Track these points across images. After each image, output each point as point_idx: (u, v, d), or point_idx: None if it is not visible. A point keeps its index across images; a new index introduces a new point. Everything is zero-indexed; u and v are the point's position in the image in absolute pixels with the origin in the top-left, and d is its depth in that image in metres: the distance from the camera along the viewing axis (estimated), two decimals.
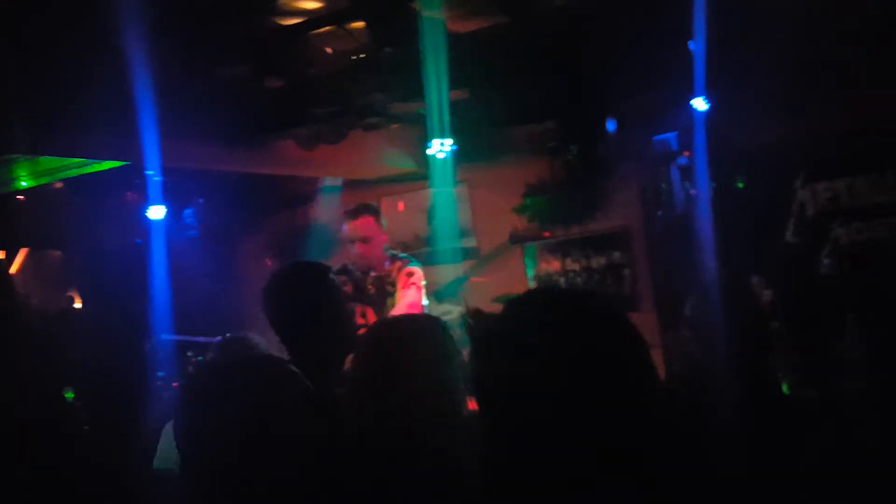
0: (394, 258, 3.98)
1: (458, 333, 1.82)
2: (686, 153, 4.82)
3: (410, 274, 3.85)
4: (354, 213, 3.82)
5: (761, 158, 4.75)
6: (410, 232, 6.19)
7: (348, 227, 3.81)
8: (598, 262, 5.56)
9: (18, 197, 5.29)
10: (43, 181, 5.02)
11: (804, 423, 2.02)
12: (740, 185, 4.67)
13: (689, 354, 2.89)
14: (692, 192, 4.82)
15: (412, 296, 3.78)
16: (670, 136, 4.78)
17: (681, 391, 2.38)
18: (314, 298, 2.33)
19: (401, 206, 6.24)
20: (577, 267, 5.63)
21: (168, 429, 2.67)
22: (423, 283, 3.93)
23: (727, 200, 4.58)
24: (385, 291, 3.89)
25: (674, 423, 1.87)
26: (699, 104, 4.16)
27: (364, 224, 3.78)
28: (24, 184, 5.00)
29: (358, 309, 3.65)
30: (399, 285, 3.84)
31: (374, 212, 3.87)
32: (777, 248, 4.82)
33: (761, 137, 4.74)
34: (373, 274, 3.87)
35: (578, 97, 3.86)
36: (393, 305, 3.83)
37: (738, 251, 4.43)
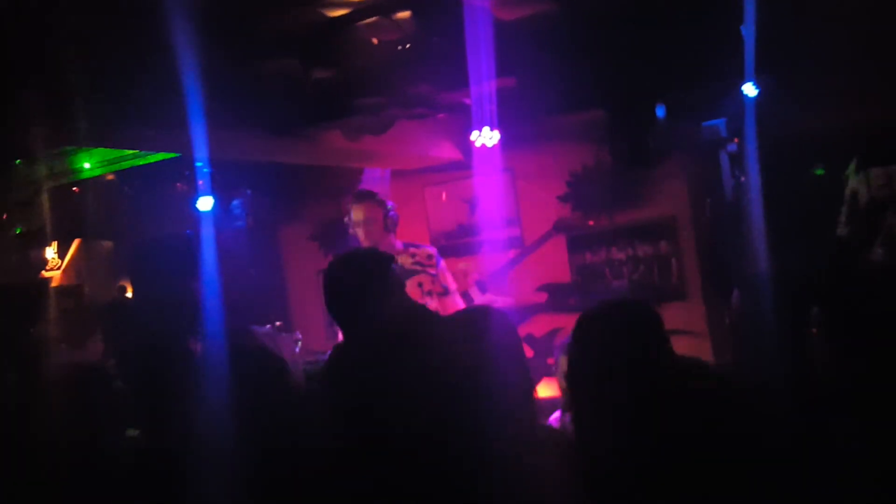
0: (409, 245, 4.16)
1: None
2: (735, 140, 4.74)
3: (436, 265, 4.19)
4: (357, 199, 4.14)
5: (812, 145, 4.65)
6: (453, 221, 6.21)
7: (353, 212, 4.12)
8: (644, 251, 5.50)
9: (73, 188, 5.42)
10: (98, 172, 5.14)
11: (847, 416, 1.99)
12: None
13: (737, 345, 2.86)
14: (742, 179, 4.74)
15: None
16: (719, 123, 4.69)
17: (729, 381, 2.36)
18: (379, 284, 2.43)
19: (444, 195, 6.25)
20: (622, 256, 5.58)
21: None
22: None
23: (777, 187, 4.50)
24: (402, 272, 4.05)
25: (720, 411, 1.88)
26: (749, 90, 4.08)
27: (365, 208, 4.06)
28: (80, 175, 5.13)
29: None
30: (446, 281, 4.13)
31: (375, 198, 4.12)
32: (829, 237, 4.72)
33: (813, 123, 4.64)
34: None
35: (626, 84, 3.82)
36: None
37: (788, 240, 4.35)
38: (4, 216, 5.10)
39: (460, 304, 4.28)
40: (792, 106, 4.43)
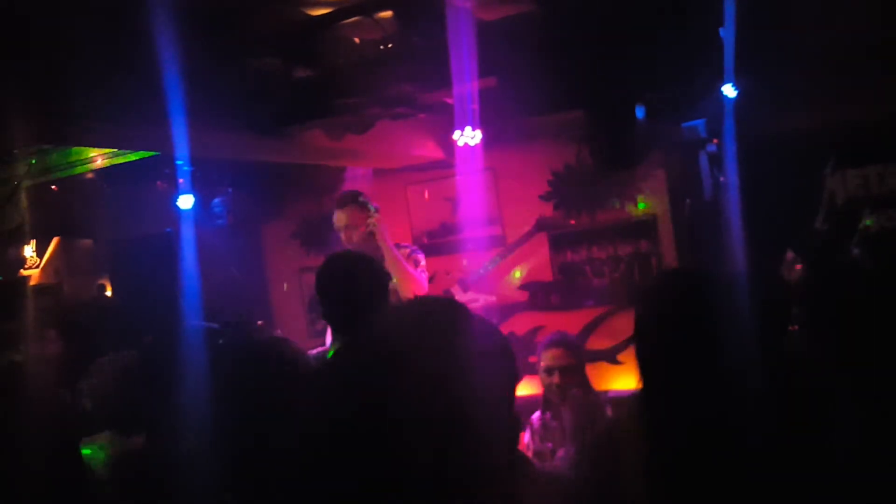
0: (397, 247, 4.17)
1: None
2: (715, 140, 4.78)
3: (418, 263, 4.17)
4: (340, 203, 4.17)
5: (791, 145, 4.70)
6: (436, 220, 6.22)
7: (336, 216, 4.15)
8: (624, 250, 5.55)
9: (52, 187, 5.38)
10: (75, 171, 5.10)
11: (824, 414, 2.02)
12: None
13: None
14: (721, 179, 4.78)
15: (420, 278, 4.12)
16: (699, 123, 4.74)
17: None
18: (370, 283, 2.47)
19: (426, 194, 6.26)
20: (603, 255, 5.62)
21: None
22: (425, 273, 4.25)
23: (756, 188, 4.55)
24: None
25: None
26: (728, 91, 4.12)
27: (349, 213, 4.10)
28: (59, 173, 5.09)
29: None
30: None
31: (358, 202, 4.15)
32: (806, 236, 4.78)
33: (791, 124, 4.70)
34: None
35: (606, 84, 3.84)
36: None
37: (766, 239, 4.40)
38: None
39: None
40: (770, 107, 4.48)
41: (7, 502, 2.08)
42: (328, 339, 3.79)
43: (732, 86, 4.07)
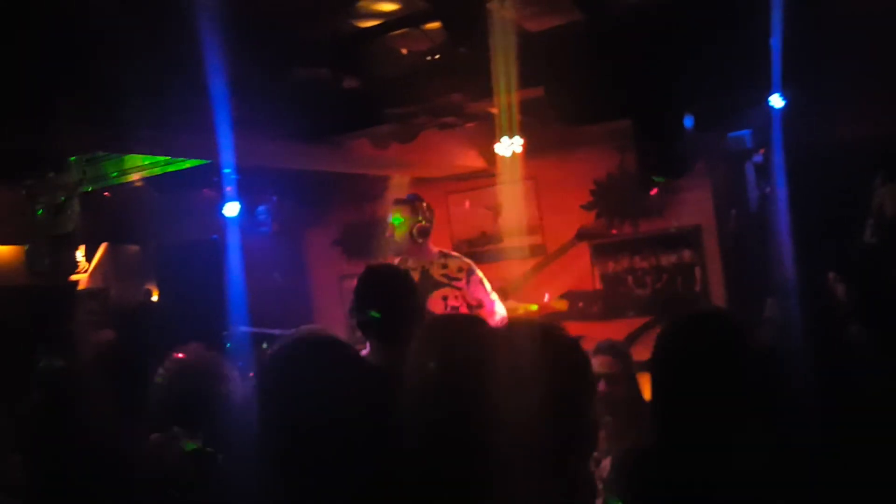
0: (444, 255, 4.15)
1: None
2: (761, 151, 4.73)
3: (481, 282, 4.19)
4: (395, 203, 4.28)
5: (839, 156, 4.63)
6: (476, 229, 6.23)
7: (391, 212, 4.25)
8: (667, 260, 5.50)
9: (104, 193, 5.51)
10: (126, 178, 5.22)
11: (881, 424, 1.99)
12: None
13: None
14: (767, 190, 4.73)
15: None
16: (745, 134, 4.69)
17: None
18: (402, 293, 2.51)
19: (467, 203, 6.28)
20: (645, 265, 5.58)
21: None
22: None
23: (803, 199, 4.49)
24: (430, 283, 4.07)
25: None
26: (776, 101, 4.07)
27: (399, 212, 4.19)
28: (112, 180, 5.21)
29: None
30: (479, 295, 4.17)
31: (413, 205, 4.21)
32: (855, 249, 4.70)
33: (840, 134, 4.63)
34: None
35: (653, 94, 3.83)
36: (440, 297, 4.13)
37: (814, 251, 4.33)
38: (39, 220, 5.19)
39: (496, 316, 4.18)
40: (818, 117, 4.42)
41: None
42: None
43: (780, 96, 4.03)
